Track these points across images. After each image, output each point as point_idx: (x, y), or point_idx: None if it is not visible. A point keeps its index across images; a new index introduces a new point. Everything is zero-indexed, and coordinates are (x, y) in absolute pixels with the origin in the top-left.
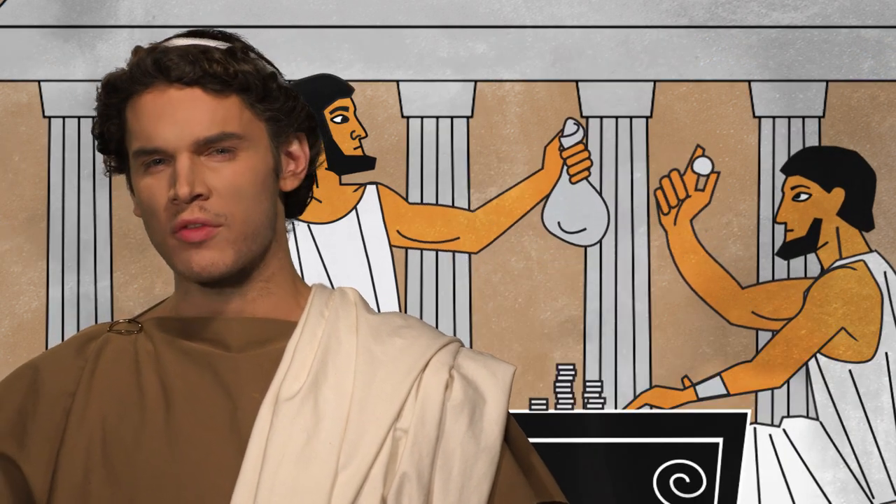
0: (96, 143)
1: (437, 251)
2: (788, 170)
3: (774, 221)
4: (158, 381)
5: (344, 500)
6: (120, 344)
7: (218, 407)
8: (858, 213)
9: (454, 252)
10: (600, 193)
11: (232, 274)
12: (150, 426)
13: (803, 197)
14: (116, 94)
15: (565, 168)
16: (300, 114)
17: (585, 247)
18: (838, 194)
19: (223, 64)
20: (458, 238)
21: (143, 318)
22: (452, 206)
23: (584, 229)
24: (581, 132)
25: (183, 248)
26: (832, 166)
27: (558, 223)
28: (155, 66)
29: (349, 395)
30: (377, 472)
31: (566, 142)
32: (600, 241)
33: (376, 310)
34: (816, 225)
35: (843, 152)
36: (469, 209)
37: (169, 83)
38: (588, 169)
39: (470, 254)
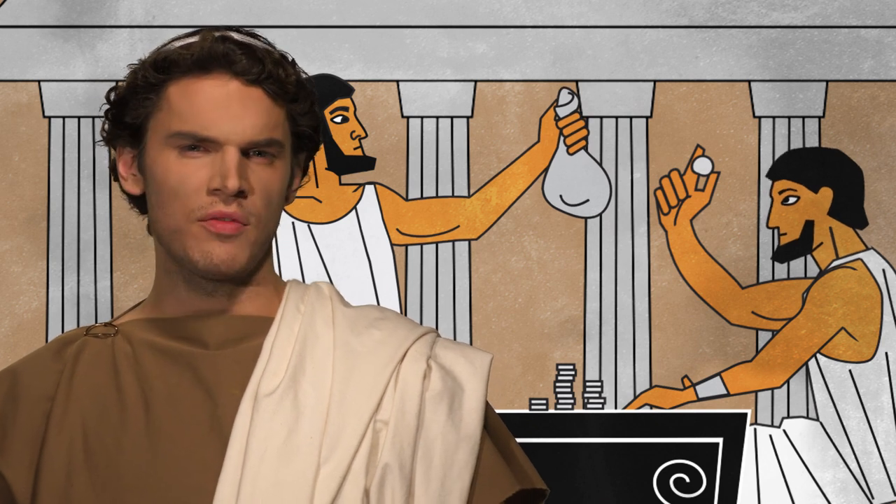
0: (109, 107)
1: (437, 244)
2: (774, 174)
3: (767, 226)
4: (137, 381)
5: (327, 494)
6: (97, 347)
7: (198, 405)
8: (850, 212)
9: (455, 241)
10: (600, 164)
11: (241, 275)
12: (131, 427)
13: (792, 200)
14: (168, 71)
15: (562, 139)
16: (318, 135)
17: (586, 218)
18: (826, 194)
19: (284, 69)
20: (458, 227)
21: (120, 320)
22: (453, 195)
23: (587, 201)
24: (576, 101)
25: (207, 238)
26: (817, 167)
27: (560, 196)
28: (225, 56)
29: (328, 389)
30: (359, 465)
31: (561, 111)
32: (600, 215)
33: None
34: (809, 227)
35: (827, 152)
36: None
37: (233, 76)
38: (585, 138)
39: (471, 241)
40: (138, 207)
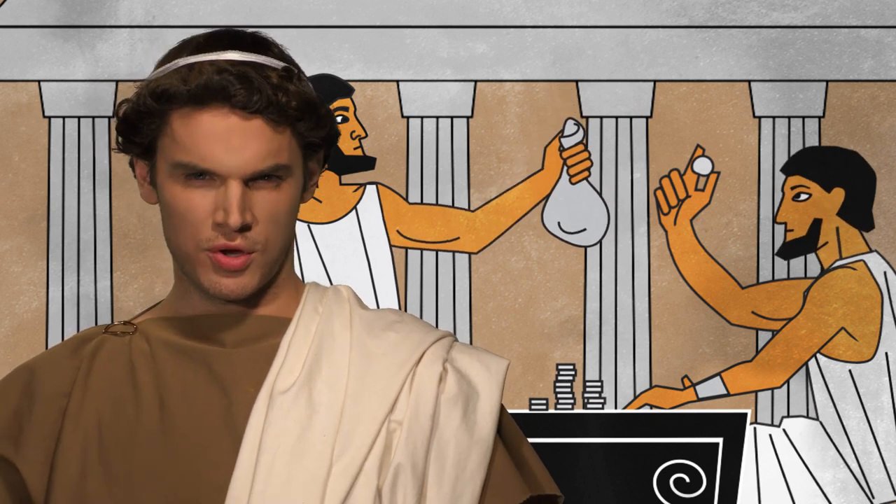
0: (119, 125)
1: (437, 251)
2: (788, 170)
3: (774, 221)
4: (153, 378)
5: (339, 492)
6: (115, 345)
7: (213, 402)
8: (859, 213)
9: (454, 252)
10: (600, 194)
11: (253, 294)
12: (146, 423)
13: (803, 197)
14: (168, 102)
15: (565, 168)
16: (332, 135)
17: (585, 247)
18: (838, 194)
19: (285, 93)
20: (458, 238)
21: (139, 319)
22: (452, 206)
23: (584, 229)
24: (581, 132)
25: (214, 270)
26: (832, 166)
27: (558, 223)
28: (222, 90)
29: (343, 388)
30: (372, 464)
31: (566, 142)
32: (600, 242)
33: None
34: (816, 225)
35: (843, 152)
36: (469, 209)
37: (232, 109)
38: (588, 169)
39: (470, 254)
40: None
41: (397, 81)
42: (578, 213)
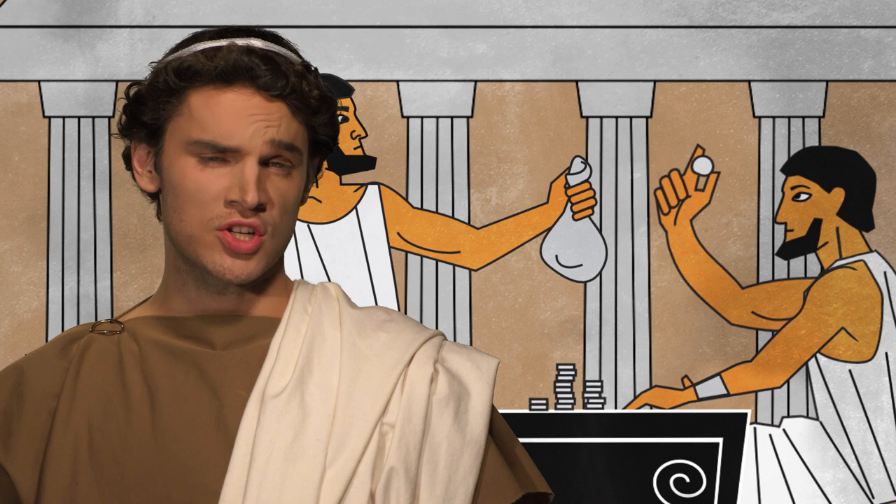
0: (127, 105)
1: (437, 261)
2: (788, 170)
3: (774, 221)
4: (143, 380)
5: (332, 496)
6: (103, 344)
7: (204, 405)
8: (858, 213)
9: (454, 265)
10: (600, 231)
11: (252, 282)
12: (137, 426)
13: (803, 197)
14: (191, 80)
15: (569, 205)
16: (335, 137)
17: (584, 282)
18: (838, 194)
19: (307, 82)
20: (459, 252)
21: (125, 317)
22: (453, 217)
23: (581, 265)
24: (588, 171)
25: (222, 251)
26: (832, 166)
27: (556, 256)
28: (249, 70)
29: (335, 391)
30: (365, 467)
31: (572, 180)
32: (599, 275)
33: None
34: (816, 225)
35: (843, 152)
36: (469, 219)
37: (256, 90)
38: (591, 207)
39: (470, 270)
40: (150, 197)
41: (397, 81)
42: (577, 248)
